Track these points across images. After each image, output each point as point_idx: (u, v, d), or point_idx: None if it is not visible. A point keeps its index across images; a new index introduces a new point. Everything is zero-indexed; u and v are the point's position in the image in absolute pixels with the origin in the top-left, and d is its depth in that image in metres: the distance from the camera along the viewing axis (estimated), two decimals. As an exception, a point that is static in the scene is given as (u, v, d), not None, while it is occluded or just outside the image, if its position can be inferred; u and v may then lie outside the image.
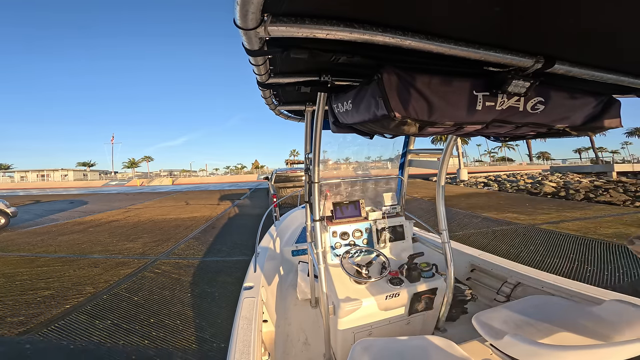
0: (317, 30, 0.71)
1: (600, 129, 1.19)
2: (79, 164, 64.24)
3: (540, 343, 0.85)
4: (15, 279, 4.33)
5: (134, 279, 4.24)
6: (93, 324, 3.03)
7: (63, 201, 16.68)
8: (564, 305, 1.25)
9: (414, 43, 0.76)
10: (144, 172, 63.04)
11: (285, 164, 52.86)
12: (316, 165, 1.75)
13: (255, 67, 1.00)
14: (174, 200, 15.52)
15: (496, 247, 5.13)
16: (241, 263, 4.77)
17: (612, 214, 7.98)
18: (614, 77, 1.00)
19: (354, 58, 0.96)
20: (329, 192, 2.64)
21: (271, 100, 1.60)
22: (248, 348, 1.26)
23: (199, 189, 25.88)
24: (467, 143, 48.84)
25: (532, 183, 17.57)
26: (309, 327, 2.27)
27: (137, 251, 5.70)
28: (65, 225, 8.86)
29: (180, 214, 10.31)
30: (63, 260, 5.27)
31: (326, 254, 2.08)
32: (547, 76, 0.95)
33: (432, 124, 0.96)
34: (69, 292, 3.84)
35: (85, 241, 6.63)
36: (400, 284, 1.75)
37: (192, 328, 2.93)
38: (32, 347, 2.65)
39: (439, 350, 1.13)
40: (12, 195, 22.00)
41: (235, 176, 48.90)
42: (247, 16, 0.62)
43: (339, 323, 1.64)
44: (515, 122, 1.07)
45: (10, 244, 6.50)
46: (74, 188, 34.69)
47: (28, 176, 51.94)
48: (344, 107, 1.22)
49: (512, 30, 0.80)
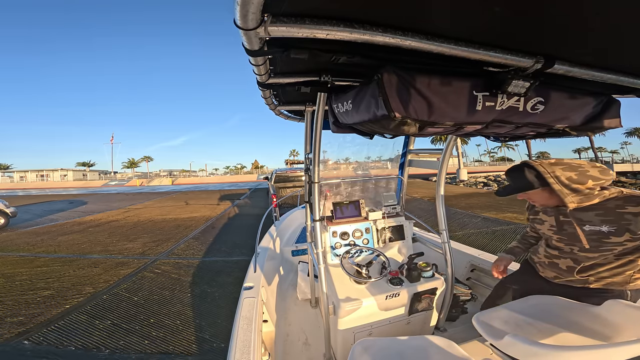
0: (317, 31, 0.71)
1: (600, 129, 1.19)
2: (79, 164, 64.21)
3: (540, 343, 0.85)
4: (14, 279, 4.33)
5: (134, 279, 4.23)
6: (93, 324, 3.03)
7: (62, 201, 16.65)
8: (564, 305, 1.25)
9: (414, 43, 0.76)
10: (144, 172, 62.99)
11: (285, 164, 52.85)
12: (316, 165, 1.75)
13: (255, 67, 1.00)
14: (173, 200, 15.51)
15: (496, 247, 5.14)
16: (241, 263, 4.77)
17: (612, 213, 7.97)
18: (614, 77, 1.00)
19: (354, 58, 0.96)
20: (329, 192, 2.64)
21: (271, 101, 1.60)
22: (248, 348, 1.26)
23: (198, 189, 25.86)
24: (466, 143, 48.89)
25: (532, 183, 17.54)
26: (309, 327, 2.27)
27: (136, 251, 5.69)
28: (65, 225, 8.85)
29: (180, 214, 10.30)
30: (63, 260, 5.26)
31: (326, 254, 2.08)
32: (547, 76, 0.95)
33: (432, 124, 0.96)
34: (68, 292, 3.84)
35: (84, 241, 6.62)
36: (400, 284, 1.75)
37: (192, 328, 2.92)
38: (32, 347, 2.65)
39: (439, 350, 1.13)
40: (11, 195, 21.97)
41: (235, 176, 48.89)
42: (247, 16, 0.62)
43: (339, 323, 1.64)
44: (515, 122, 1.07)
45: (10, 244, 6.49)
46: (73, 188, 34.65)
47: (27, 176, 51.87)
48: (344, 107, 1.22)
49: (512, 31, 0.80)
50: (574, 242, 1.34)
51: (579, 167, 1.22)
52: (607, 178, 1.22)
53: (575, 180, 1.21)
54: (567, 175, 1.22)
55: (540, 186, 1.27)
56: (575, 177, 1.21)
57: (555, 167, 1.24)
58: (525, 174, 1.29)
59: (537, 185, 1.28)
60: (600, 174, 1.22)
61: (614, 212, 1.20)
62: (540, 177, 1.26)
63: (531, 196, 1.36)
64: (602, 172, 1.22)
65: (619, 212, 1.19)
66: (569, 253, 1.38)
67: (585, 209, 1.27)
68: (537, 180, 1.27)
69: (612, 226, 1.21)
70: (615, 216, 1.20)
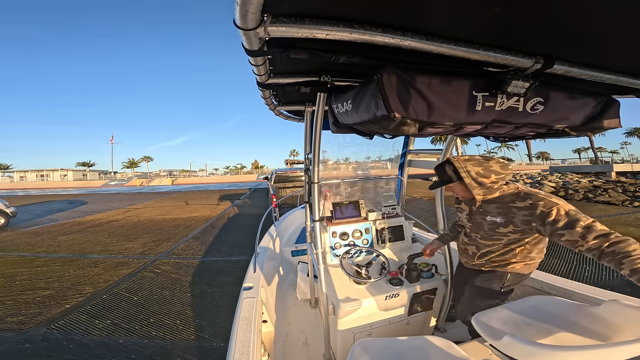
0: (317, 31, 0.71)
1: (600, 129, 1.19)
2: (79, 164, 64.19)
3: (540, 343, 0.85)
4: (15, 279, 4.33)
5: (134, 278, 4.23)
6: (93, 323, 3.03)
7: (62, 201, 16.65)
8: (563, 306, 1.25)
9: (414, 43, 0.76)
10: (144, 172, 62.98)
11: (285, 164, 52.84)
12: (316, 165, 1.75)
13: (255, 68, 1.00)
14: (173, 200, 15.51)
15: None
16: (241, 263, 4.77)
17: (611, 214, 7.99)
18: (613, 78, 1.00)
19: (354, 58, 0.96)
20: (329, 193, 2.64)
21: (271, 101, 1.60)
22: (247, 348, 1.26)
23: (198, 189, 25.86)
24: (466, 143, 48.87)
25: (532, 183, 17.59)
26: (309, 327, 2.27)
27: (136, 251, 5.69)
28: (65, 225, 8.85)
29: (179, 214, 10.30)
30: (63, 260, 5.26)
31: (326, 254, 2.08)
32: (546, 76, 0.95)
33: (431, 124, 0.96)
34: (68, 291, 3.84)
35: (84, 241, 6.62)
36: (400, 284, 1.75)
37: (191, 327, 2.92)
38: (32, 347, 2.65)
39: (438, 350, 1.13)
40: (11, 195, 21.96)
41: (234, 176, 48.87)
42: (247, 16, 0.62)
43: (338, 323, 1.64)
44: (515, 122, 1.07)
45: (10, 244, 6.49)
46: (73, 188, 34.64)
47: (27, 176, 51.87)
48: (343, 107, 1.22)
49: (511, 31, 0.80)
50: (478, 230, 1.50)
51: (485, 163, 1.38)
52: (506, 172, 1.38)
53: (481, 174, 1.36)
54: (476, 170, 1.37)
55: (457, 180, 1.42)
56: (481, 171, 1.36)
57: (467, 163, 1.39)
58: (446, 170, 1.46)
59: (455, 179, 1.42)
60: (500, 169, 1.37)
61: (507, 205, 1.35)
62: (456, 171, 1.41)
63: (453, 189, 1.51)
64: (502, 167, 1.38)
65: (510, 206, 1.34)
66: (474, 240, 1.53)
67: (489, 201, 1.42)
68: (454, 175, 1.42)
69: (503, 218, 1.36)
70: (507, 209, 1.35)
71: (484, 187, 1.38)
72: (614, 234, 1.03)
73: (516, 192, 1.38)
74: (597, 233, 1.05)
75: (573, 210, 1.17)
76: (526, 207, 1.27)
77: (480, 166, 1.36)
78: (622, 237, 1.01)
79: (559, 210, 1.17)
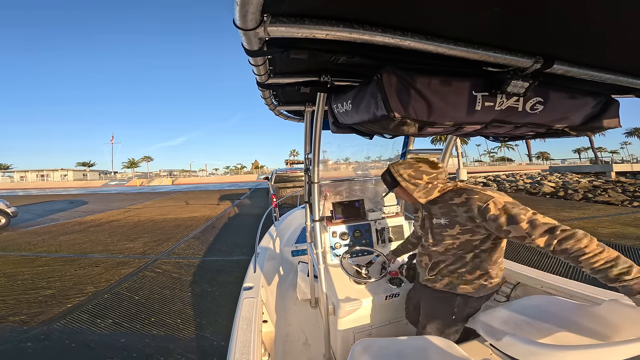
0: (317, 31, 0.71)
1: (599, 129, 1.19)
2: (79, 164, 64.34)
3: (540, 343, 0.85)
4: (16, 279, 4.34)
5: (135, 278, 4.24)
6: (94, 322, 3.03)
7: (63, 201, 16.67)
8: (563, 305, 1.25)
9: (414, 43, 0.76)
10: (144, 172, 63.10)
11: (285, 164, 52.86)
12: (316, 165, 1.75)
13: (255, 68, 1.00)
14: (173, 200, 15.52)
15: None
16: (241, 262, 4.77)
17: (611, 213, 7.98)
18: (613, 77, 1.00)
19: (354, 58, 0.96)
20: (329, 192, 2.63)
21: (271, 101, 1.60)
22: (248, 348, 1.26)
23: (198, 189, 25.88)
24: (466, 143, 48.84)
25: (531, 183, 17.58)
26: (309, 327, 2.27)
27: (137, 251, 5.70)
28: (66, 225, 8.86)
29: (180, 214, 10.31)
30: (64, 259, 5.27)
31: (326, 254, 2.08)
32: (546, 76, 0.95)
33: (431, 124, 0.96)
34: (70, 291, 3.84)
35: (85, 241, 6.63)
36: (400, 284, 1.76)
37: (192, 326, 2.93)
38: (34, 346, 2.66)
39: (438, 350, 1.13)
40: (12, 195, 22.00)
41: (235, 176, 48.90)
42: (247, 16, 0.62)
43: (338, 323, 1.64)
44: (515, 122, 1.07)
45: (11, 244, 6.50)
46: (73, 188, 34.69)
47: (27, 176, 51.95)
48: (343, 107, 1.22)
49: (511, 31, 0.80)
50: (428, 237, 1.42)
51: (414, 165, 1.36)
52: (437, 171, 1.34)
53: (413, 176, 1.33)
54: (407, 172, 1.35)
55: (397, 185, 1.40)
56: (412, 173, 1.34)
57: (399, 167, 1.38)
58: (386, 177, 1.45)
59: (395, 184, 1.41)
60: (430, 168, 1.34)
61: (448, 204, 1.30)
62: (392, 177, 1.39)
63: (399, 195, 1.47)
64: (432, 166, 1.36)
65: (450, 204, 1.29)
66: (427, 249, 1.45)
67: (433, 202, 1.37)
68: (393, 180, 1.40)
69: (447, 218, 1.29)
70: (448, 208, 1.29)
71: (421, 188, 1.33)
72: (558, 228, 0.99)
73: (454, 188, 1.33)
74: (542, 228, 1.00)
75: (510, 203, 1.12)
76: (463, 202, 1.23)
77: (411, 168, 1.35)
78: (568, 231, 0.97)
79: (495, 203, 1.12)
